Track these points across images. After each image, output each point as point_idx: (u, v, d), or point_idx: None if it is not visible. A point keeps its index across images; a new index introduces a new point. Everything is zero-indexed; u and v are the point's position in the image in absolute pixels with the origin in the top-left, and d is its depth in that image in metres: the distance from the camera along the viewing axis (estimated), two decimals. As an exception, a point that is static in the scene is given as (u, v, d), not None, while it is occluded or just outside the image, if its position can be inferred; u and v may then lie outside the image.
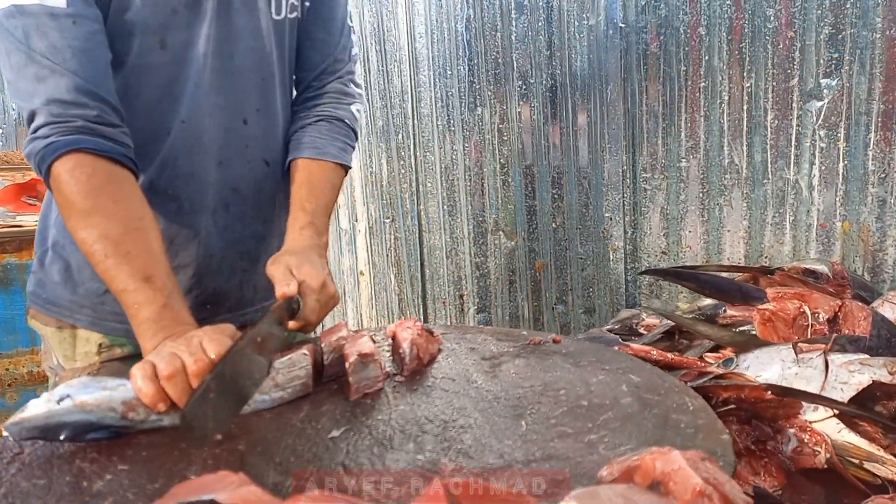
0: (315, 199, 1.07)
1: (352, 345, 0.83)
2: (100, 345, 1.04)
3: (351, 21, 1.21)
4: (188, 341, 0.76)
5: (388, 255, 2.63)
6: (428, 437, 0.71)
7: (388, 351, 0.96)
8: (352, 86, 1.20)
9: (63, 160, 0.86)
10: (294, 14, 1.11)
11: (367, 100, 2.50)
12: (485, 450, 0.69)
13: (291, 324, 0.90)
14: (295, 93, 1.20)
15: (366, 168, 2.59)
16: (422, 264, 2.50)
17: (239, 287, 1.11)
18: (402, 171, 2.46)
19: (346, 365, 0.79)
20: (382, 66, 2.40)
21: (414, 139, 2.37)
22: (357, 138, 1.20)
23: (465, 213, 2.33)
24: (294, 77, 1.18)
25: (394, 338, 0.91)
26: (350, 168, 1.17)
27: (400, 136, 2.42)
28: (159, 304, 0.82)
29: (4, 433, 0.67)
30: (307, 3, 1.13)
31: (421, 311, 2.55)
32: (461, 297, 2.43)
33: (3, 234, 2.63)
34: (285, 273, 0.91)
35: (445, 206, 2.37)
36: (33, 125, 0.88)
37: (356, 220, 2.73)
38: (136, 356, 0.98)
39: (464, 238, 2.36)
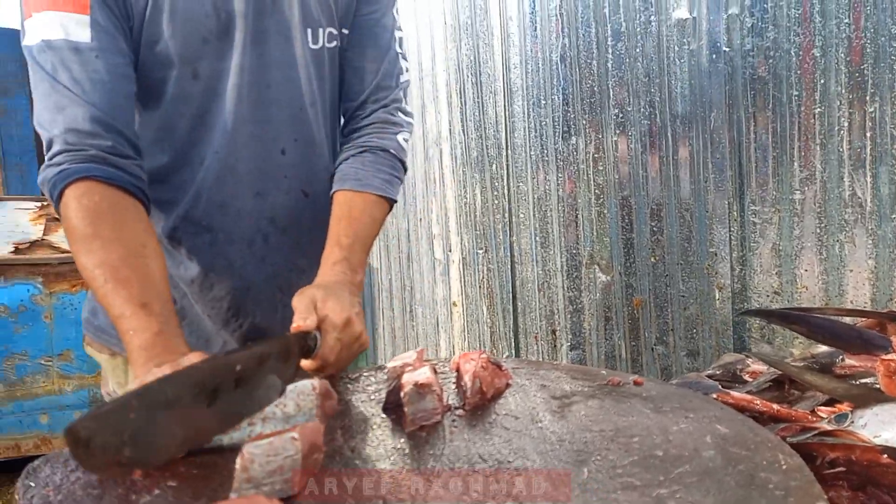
0: (353, 233, 1.01)
1: (411, 374, 0.81)
2: None
3: (401, 48, 1.16)
4: (176, 367, 0.72)
5: (480, 287, 2.61)
6: (478, 476, 0.67)
7: (453, 383, 0.93)
8: (399, 114, 1.15)
9: (73, 187, 0.87)
10: (333, 44, 1.09)
11: (463, 131, 2.52)
12: (537, 497, 0.64)
13: (306, 363, 0.83)
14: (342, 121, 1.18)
15: (460, 199, 2.59)
16: (514, 297, 2.46)
17: (281, 323, 1.06)
18: (496, 202, 2.44)
19: (402, 395, 0.77)
20: (478, 97, 2.41)
21: (507, 170, 2.35)
22: (405, 169, 1.15)
23: (558, 245, 2.27)
24: (338, 106, 1.16)
25: (457, 370, 0.88)
26: (395, 201, 1.11)
27: (493, 167, 2.40)
28: (153, 331, 0.80)
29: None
30: (345, 32, 1.11)
31: (512, 344, 2.49)
32: (553, 332, 2.35)
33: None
34: (308, 306, 0.86)
35: (538, 238, 2.32)
36: (49, 153, 0.90)
37: (450, 251, 2.73)
38: None
39: (557, 271, 2.29)
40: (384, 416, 0.82)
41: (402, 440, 0.75)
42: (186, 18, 0.96)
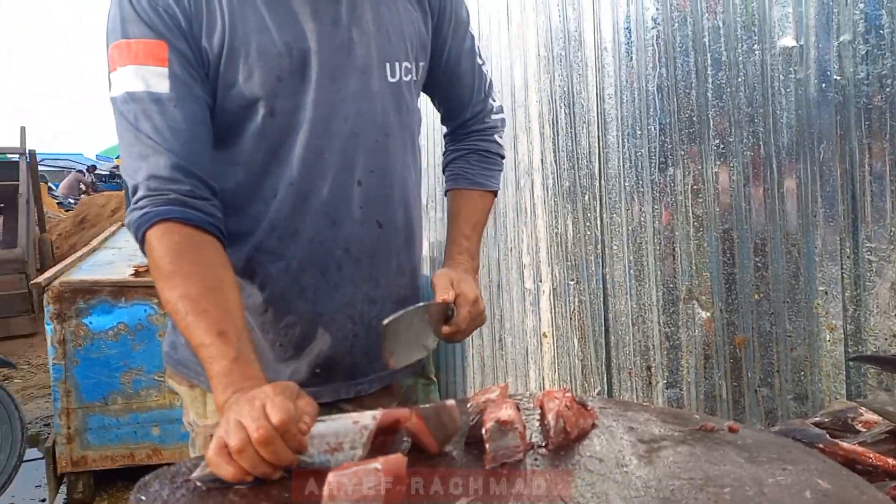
0: (471, 226, 1.21)
1: (493, 410, 0.82)
2: None
3: (481, 58, 1.28)
4: (251, 404, 0.75)
5: (571, 319, 2.57)
6: (558, 520, 0.67)
7: (537, 420, 0.93)
8: (491, 118, 1.30)
9: (155, 228, 0.93)
10: (409, 77, 1.12)
11: (555, 161, 2.52)
12: (618, 544, 0.63)
13: (444, 328, 1.00)
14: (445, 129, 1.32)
15: (551, 229, 2.58)
16: (606, 330, 2.40)
17: (350, 352, 1.10)
18: (588, 233, 2.41)
19: (483, 431, 0.78)
20: (570, 127, 2.40)
21: (600, 200, 2.32)
22: (503, 158, 1.32)
23: (653, 279, 2.21)
24: (416, 135, 1.21)
25: (541, 407, 0.88)
26: (497, 190, 1.30)
27: (586, 198, 2.38)
28: (230, 358, 0.84)
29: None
30: (422, 64, 1.15)
31: (605, 380, 2.43)
32: (648, 368, 2.28)
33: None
34: (447, 284, 1.04)
35: (632, 271, 2.27)
36: (134, 198, 0.95)
37: (540, 281, 2.71)
38: None
39: (652, 305, 2.22)
40: (465, 451, 0.83)
41: (483, 476, 0.76)
42: (261, 59, 0.99)
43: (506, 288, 2.99)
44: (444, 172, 1.31)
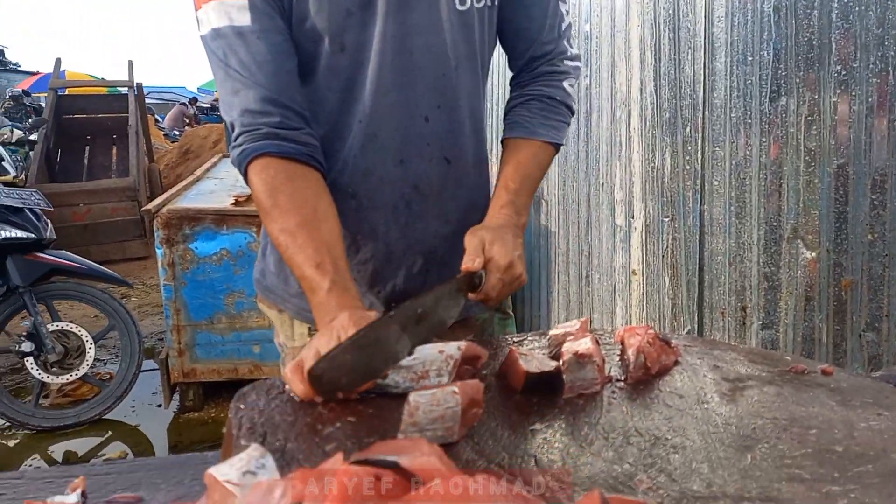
0: (519, 178, 1.07)
1: (572, 343, 0.82)
2: (309, 328, 1.12)
3: None
4: (329, 332, 0.80)
5: (663, 256, 2.49)
6: (632, 448, 0.67)
7: (618, 355, 0.92)
8: (564, 62, 1.15)
9: (253, 165, 0.95)
10: (482, 3, 1.06)
11: (655, 90, 2.39)
12: (692, 475, 0.62)
13: (472, 295, 0.94)
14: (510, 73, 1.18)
15: (647, 163, 2.48)
16: (700, 269, 2.32)
17: (421, 288, 1.10)
18: (687, 168, 2.30)
19: (561, 362, 0.78)
20: (674, 54, 2.26)
21: (702, 132, 2.20)
22: (572, 113, 1.17)
23: (755, 217, 2.09)
24: (489, 66, 1.15)
25: (621, 343, 0.87)
26: (562, 145, 1.14)
27: (687, 130, 2.26)
28: (325, 289, 0.88)
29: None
30: None
31: (695, 319, 2.37)
32: (743, 309, 2.19)
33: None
34: (476, 247, 0.95)
35: (733, 208, 2.15)
36: (233, 135, 0.98)
37: (632, 217, 2.63)
38: None
39: (752, 244, 2.11)
40: (543, 386, 0.83)
41: (559, 405, 0.77)
42: None
43: (595, 224, 2.92)
44: (504, 121, 1.17)
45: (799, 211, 1.99)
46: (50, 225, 3.25)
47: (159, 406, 3.21)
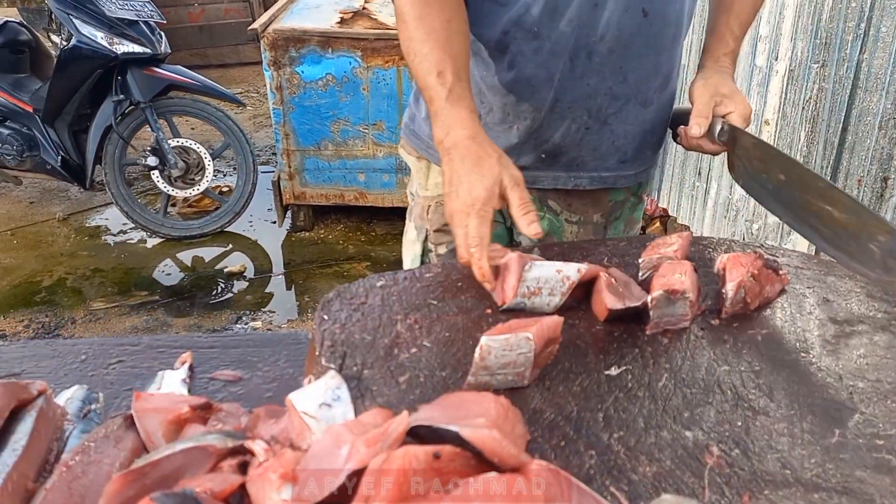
0: (740, 24, 1.08)
1: (663, 275, 0.76)
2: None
3: None
4: (456, 192, 0.85)
5: (804, 108, 2.22)
6: (710, 410, 0.65)
7: (719, 276, 0.86)
8: None
9: None
10: None
11: None
12: (768, 452, 0.60)
13: (713, 146, 1.00)
14: None
15: (801, -2, 2.12)
16: (843, 129, 2.06)
17: (577, 145, 1.08)
18: (851, 6, 1.95)
19: (650, 298, 0.74)
20: None
21: (874, -31, 1.83)
22: None
23: (921, 75, 1.79)
24: None
25: (722, 273, 0.80)
26: None
27: (856, -37, 1.88)
28: (442, 97, 0.90)
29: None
30: None
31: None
32: (885, 179, 1.96)
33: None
34: (706, 103, 0.99)
35: (896, 63, 1.84)
36: None
37: (775, 59, 2.32)
38: None
39: (910, 107, 1.83)
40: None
41: (640, 344, 0.74)
42: None
43: (727, 64, 2.60)
44: None
45: (978, 73, 1.68)
46: (164, 39, 3.30)
47: (274, 223, 3.44)
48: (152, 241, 3.35)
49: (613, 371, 0.70)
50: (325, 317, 0.77)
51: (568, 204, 1.15)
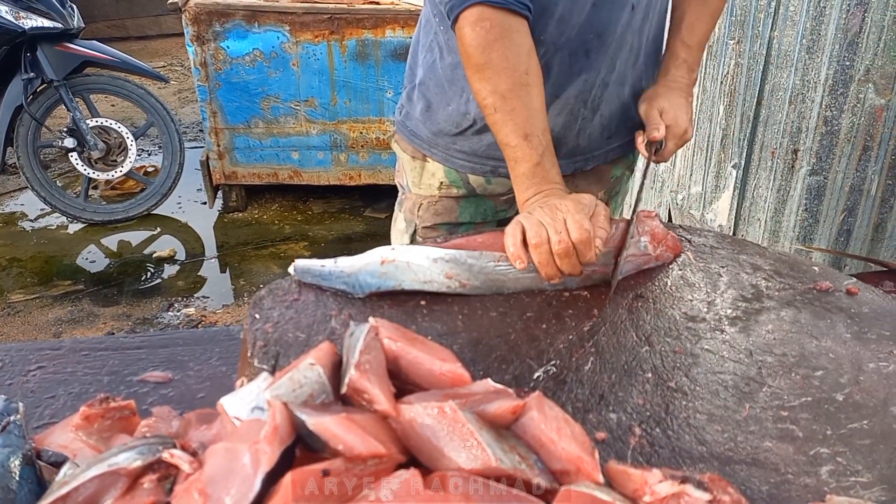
0: (694, 34, 1.10)
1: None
2: (441, 182, 1.15)
3: None
4: (553, 213, 0.84)
5: (722, 83, 2.31)
6: (635, 391, 0.69)
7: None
8: None
9: (467, 13, 0.91)
10: None
11: None
12: (685, 431, 0.65)
13: (653, 158, 1.04)
14: None
15: (716, -21, 2.18)
16: (758, 103, 2.16)
17: (576, 135, 1.11)
18: (761, -12, 2.03)
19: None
20: None
21: (785, -50, 1.90)
22: None
23: (827, 53, 1.89)
24: None
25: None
26: None
27: (769, -56, 1.96)
28: (533, 162, 0.91)
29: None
30: None
31: (744, 155, 2.26)
32: (795, 151, 2.08)
33: (362, 10, 2.92)
34: (656, 118, 1.04)
35: (805, 40, 1.94)
36: None
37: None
38: (468, 197, 1.16)
39: (818, 83, 1.94)
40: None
41: (570, 328, 0.77)
42: None
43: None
44: None
45: (877, 51, 1.79)
46: (77, 12, 3.12)
47: (204, 204, 3.34)
48: (74, 227, 3.19)
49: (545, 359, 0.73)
50: (257, 315, 0.76)
51: (575, 185, 1.18)
